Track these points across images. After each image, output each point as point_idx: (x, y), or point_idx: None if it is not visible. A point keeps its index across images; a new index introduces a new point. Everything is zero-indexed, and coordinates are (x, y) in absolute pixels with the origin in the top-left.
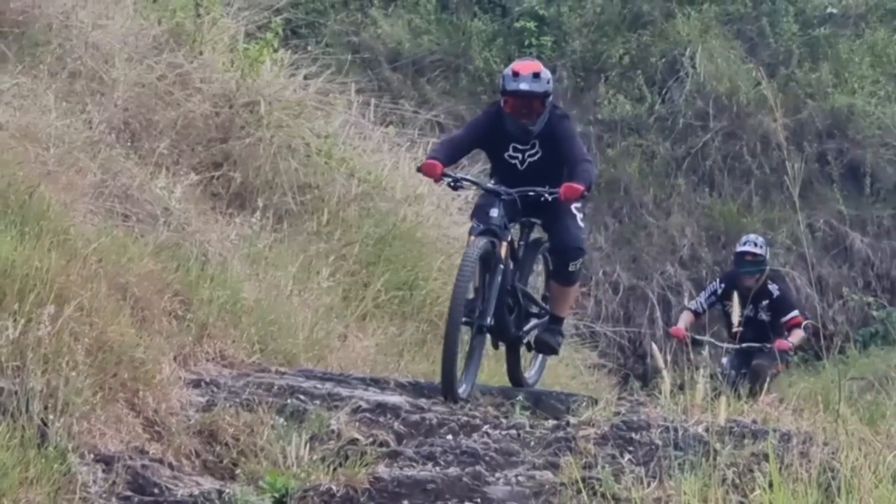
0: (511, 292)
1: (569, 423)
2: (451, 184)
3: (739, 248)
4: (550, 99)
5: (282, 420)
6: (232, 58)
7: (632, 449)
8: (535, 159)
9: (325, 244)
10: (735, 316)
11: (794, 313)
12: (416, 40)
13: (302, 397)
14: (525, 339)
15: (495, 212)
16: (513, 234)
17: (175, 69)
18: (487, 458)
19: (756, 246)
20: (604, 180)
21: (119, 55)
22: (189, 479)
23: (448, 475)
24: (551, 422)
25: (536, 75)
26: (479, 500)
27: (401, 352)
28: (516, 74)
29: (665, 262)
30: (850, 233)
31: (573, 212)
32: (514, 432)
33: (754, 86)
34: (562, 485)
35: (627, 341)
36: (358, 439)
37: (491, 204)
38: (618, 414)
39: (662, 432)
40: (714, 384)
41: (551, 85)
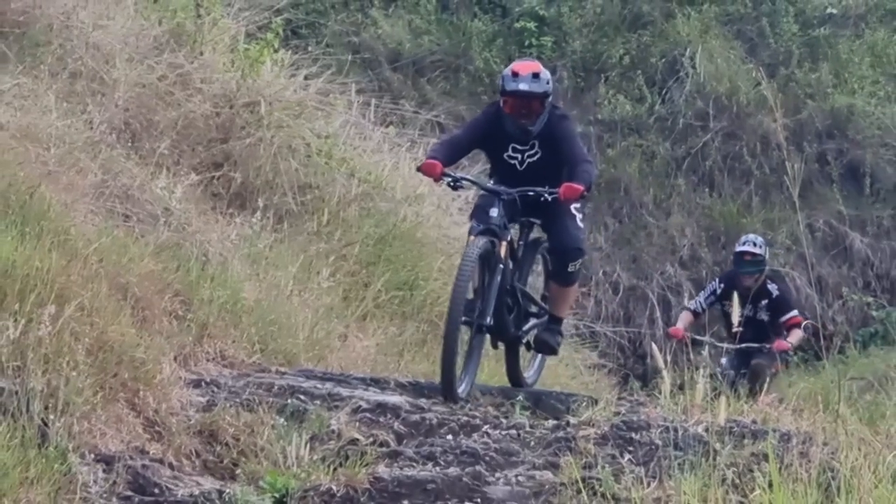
0: (510, 292)
1: (569, 423)
2: (451, 183)
3: (738, 248)
4: (550, 99)
5: (282, 420)
6: (232, 58)
7: (632, 449)
8: (534, 160)
9: (326, 244)
10: (735, 316)
11: (794, 313)
12: (416, 41)
13: (302, 397)
14: (524, 338)
15: (495, 211)
16: (512, 233)
17: (176, 69)
18: (487, 458)
19: (755, 246)
20: (604, 180)
21: (120, 55)
22: (189, 479)
23: (448, 475)
24: (551, 422)
25: (536, 75)
26: (479, 500)
27: (401, 352)
28: (516, 75)
29: (665, 263)
30: (850, 233)
31: (572, 212)
32: (514, 432)
33: (754, 86)
34: (562, 485)
35: (627, 341)
36: (358, 439)
37: (490, 204)
38: (618, 414)
39: (662, 432)
40: (714, 384)
41: (551, 85)
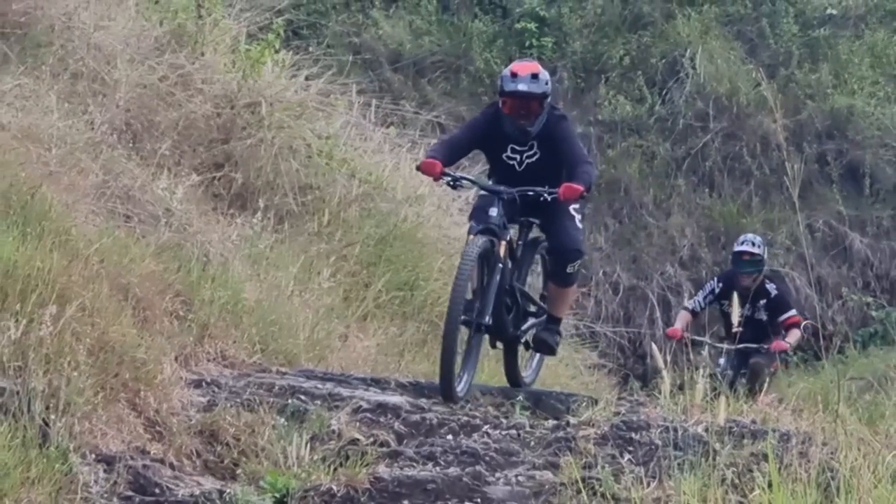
0: (509, 292)
1: (569, 423)
2: (451, 183)
3: (737, 248)
4: (549, 100)
5: (283, 420)
6: (233, 59)
7: (632, 449)
8: (533, 160)
9: (326, 245)
10: (735, 316)
11: (792, 313)
12: (416, 41)
13: (303, 397)
14: (523, 338)
15: (494, 211)
16: (511, 233)
17: (177, 70)
18: (487, 458)
19: (754, 245)
20: (604, 181)
21: (121, 56)
22: (190, 479)
23: (448, 475)
24: (551, 422)
25: (535, 76)
26: (479, 500)
27: (401, 352)
28: (514, 75)
29: (665, 263)
30: (850, 233)
31: (572, 213)
32: (514, 432)
33: (754, 87)
34: (562, 485)
35: (627, 341)
36: (358, 439)
37: (490, 203)
38: (618, 414)
39: (662, 432)
40: (714, 384)
41: (550, 86)
